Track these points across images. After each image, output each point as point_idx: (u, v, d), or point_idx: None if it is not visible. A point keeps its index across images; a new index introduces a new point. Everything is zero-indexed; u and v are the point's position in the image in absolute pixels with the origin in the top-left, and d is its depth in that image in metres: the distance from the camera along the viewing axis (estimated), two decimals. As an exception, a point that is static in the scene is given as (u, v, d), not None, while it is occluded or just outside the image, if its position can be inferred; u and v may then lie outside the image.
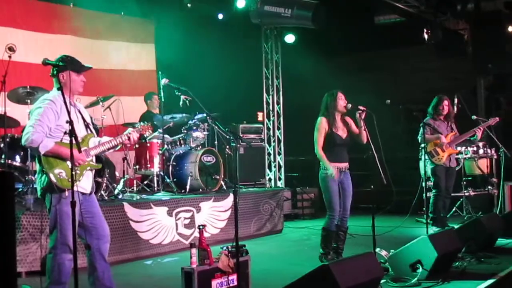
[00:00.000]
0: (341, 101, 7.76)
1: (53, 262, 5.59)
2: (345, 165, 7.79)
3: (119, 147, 6.43)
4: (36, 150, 5.54)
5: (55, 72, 5.65)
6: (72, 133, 5.10)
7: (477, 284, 6.69)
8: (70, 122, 5.13)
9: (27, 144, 5.53)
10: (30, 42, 10.70)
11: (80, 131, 5.74)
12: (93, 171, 5.95)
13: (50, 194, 5.59)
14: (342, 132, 7.81)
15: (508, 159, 11.07)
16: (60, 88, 5.55)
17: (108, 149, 6.02)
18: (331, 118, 7.76)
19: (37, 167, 5.70)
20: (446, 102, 10.13)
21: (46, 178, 5.55)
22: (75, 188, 5.11)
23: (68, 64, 5.69)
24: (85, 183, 5.76)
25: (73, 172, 5.12)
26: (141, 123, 6.45)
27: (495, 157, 11.57)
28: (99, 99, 9.95)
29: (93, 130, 6.07)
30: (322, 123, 7.77)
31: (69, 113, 5.22)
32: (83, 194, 5.66)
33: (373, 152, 7.33)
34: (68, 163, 5.54)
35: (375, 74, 14.51)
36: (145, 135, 8.93)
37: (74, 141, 5.12)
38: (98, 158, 6.46)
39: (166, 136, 10.55)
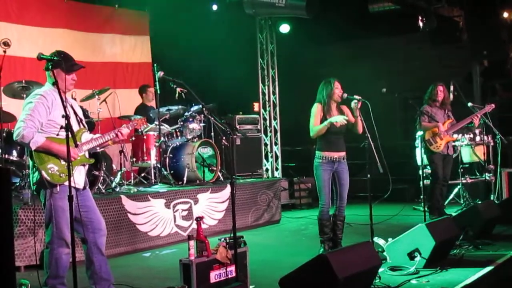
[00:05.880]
0: (337, 90, 7.75)
1: (50, 256, 5.61)
2: (341, 154, 7.77)
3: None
4: (27, 146, 5.52)
5: (49, 67, 5.59)
6: (68, 127, 5.08)
7: (475, 271, 6.70)
8: (66, 117, 5.10)
9: (18, 139, 5.49)
10: (24, 37, 10.66)
11: (73, 126, 5.70)
12: (86, 166, 5.92)
13: (44, 190, 5.59)
14: None
15: (505, 146, 11.08)
16: (55, 83, 5.52)
17: (99, 145, 6.00)
18: (325, 106, 7.76)
19: (29, 162, 5.69)
20: (440, 88, 10.09)
21: (38, 173, 5.55)
22: (67, 183, 5.09)
23: (60, 61, 5.65)
24: (78, 178, 5.71)
25: (70, 166, 5.09)
26: (135, 117, 6.44)
27: (492, 144, 11.58)
28: (95, 92, 9.93)
29: (85, 125, 6.05)
30: (317, 109, 7.77)
31: (64, 107, 5.20)
32: (76, 189, 5.60)
33: (369, 141, 7.33)
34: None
35: (370, 63, 14.48)
36: (139, 130, 8.89)
37: (70, 136, 5.11)
38: (93, 152, 6.45)
39: (162, 127, 10.50)
